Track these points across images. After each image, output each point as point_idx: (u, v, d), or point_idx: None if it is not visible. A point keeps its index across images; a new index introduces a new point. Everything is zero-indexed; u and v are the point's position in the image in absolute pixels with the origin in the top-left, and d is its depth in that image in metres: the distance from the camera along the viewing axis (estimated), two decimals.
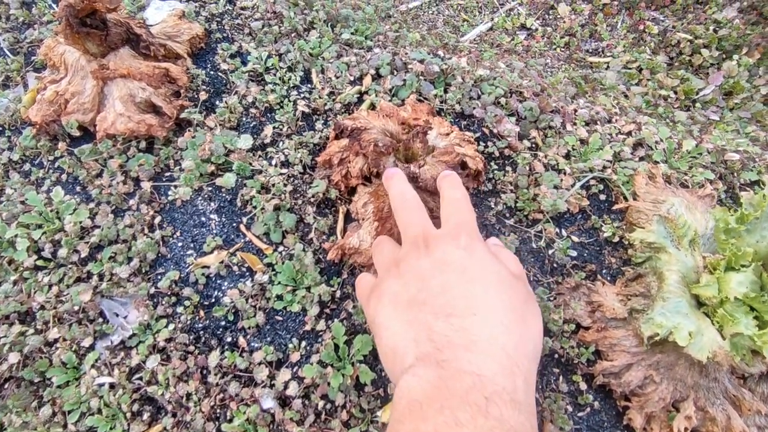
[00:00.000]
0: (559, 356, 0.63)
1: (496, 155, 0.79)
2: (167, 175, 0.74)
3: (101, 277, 0.64)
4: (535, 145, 0.82)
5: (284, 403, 0.58)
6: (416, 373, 0.33)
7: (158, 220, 0.69)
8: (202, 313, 0.63)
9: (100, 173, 0.73)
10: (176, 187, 0.71)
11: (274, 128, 0.77)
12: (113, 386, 0.57)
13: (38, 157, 0.75)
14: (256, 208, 0.69)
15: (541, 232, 0.72)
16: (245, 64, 0.87)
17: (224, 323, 0.63)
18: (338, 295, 0.64)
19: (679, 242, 0.63)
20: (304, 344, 0.61)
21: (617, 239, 0.72)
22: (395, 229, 0.58)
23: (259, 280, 0.64)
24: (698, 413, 0.55)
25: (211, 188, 0.72)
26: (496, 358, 0.33)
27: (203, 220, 0.70)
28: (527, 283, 0.43)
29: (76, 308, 0.61)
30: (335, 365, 0.59)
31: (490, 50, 1.29)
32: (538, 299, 0.64)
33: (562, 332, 0.63)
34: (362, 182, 0.65)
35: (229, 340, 0.61)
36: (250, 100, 0.81)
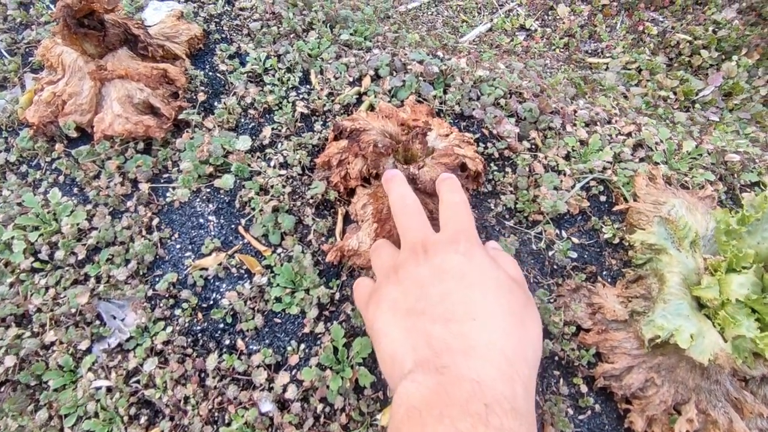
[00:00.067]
0: (559, 358, 0.62)
1: (495, 156, 0.79)
2: (165, 176, 0.73)
3: (98, 279, 0.64)
4: (534, 146, 0.82)
5: (283, 406, 0.58)
6: (415, 379, 0.33)
7: (156, 221, 0.69)
8: (200, 315, 0.63)
9: (97, 175, 0.72)
10: (174, 188, 0.71)
11: (272, 129, 0.77)
12: (110, 389, 0.57)
13: (35, 158, 0.75)
14: (254, 209, 0.68)
15: (541, 233, 0.72)
16: (244, 64, 0.86)
17: (222, 326, 0.62)
18: (337, 297, 0.64)
19: (679, 244, 0.63)
20: (302, 347, 0.61)
21: (617, 241, 0.72)
22: (394, 230, 0.58)
23: (257, 282, 0.64)
24: (700, 416, 0.54)
25: (209, 190, 0.72)
26: (495, 363, 0.32)
27: (201, 221, 0.69)
28: (526, 287, 0.42)
29: (72, 311, 0.61)
30: (334, 368, 0.58)
31: (489, 51, 1.29)
32: (538, 301, 0.64)
33: (562, 334, 0.63)
34: (361, 183, 0.65)
35: (227, 342, 0.61)
36: (248, 101, 0.80)
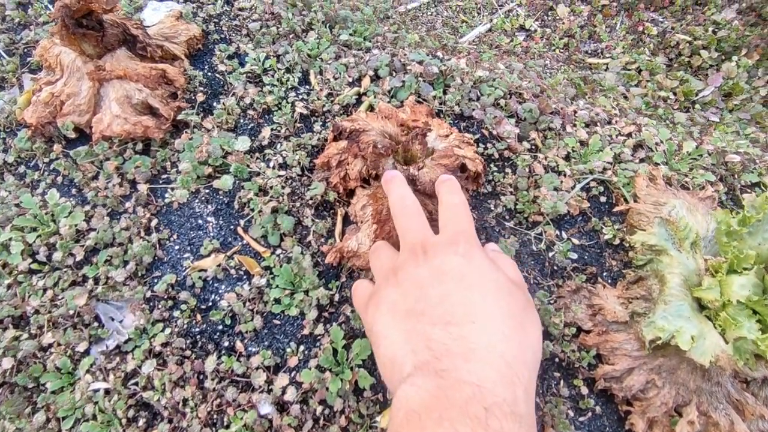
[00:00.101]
0: (559, 360, 0.62)
1: (495, 157, 0.78)
2: (164, 177, 0.73)
3: (97, 280, 0.63)
4: (534, 146, 0.82)
5: (282, 408, 0.57)
6: (414, 382, 0.32)
7: (155, 222, 0.69)
8: (198, 317, 0.62)
9: (96, 175, 0.72)
10: (173, 189, 0.71)
11: (272, 130, 0.77)
12: (108, 392, 0.56)
13: (33, 159, 0.75)
14: (253, 210, 0.68)
15: (541, 234, 0.72)
16: (243, 65, 0.86)
17: (221, 327, 0.62)
18: (337, 298, 0.64)
19: (680, 245, 0.63)
20: (302, 348, 0.60)
21: (618, 241, 0.72)
22: (394, 231, 0.58)
23: (256, 283, 0.64)
24: (701, 418, 0.54)
25: (208, 191, 0.71)
26: (495, 367, 0.32)
27: (200, 222, 0.69)
28: (526, 290, 0.42)
29: (71, 312, 0.61)
30: (334, 370, 0.58)
31: (489, 51, 1.28)
32: (538, 302, 0.64)
33: (562, 336, 0.63)
34: (361, 184, 0.65)
35: (226, 344, 0.61)
36: (247, 101, 0.80)
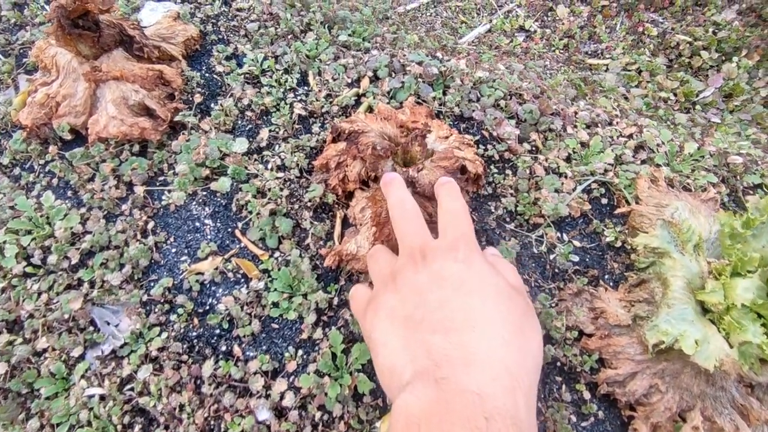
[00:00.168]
0: (561, 364, 0.61)
1: (495, 158, 0.78)
2: (161, 179, 0.72)
3: (92, 284, 0.63)
4: (535, 148, 0.81)
5: (280, 414, 0.56)
6: (414, 390, 0.32)
7: (151, 225, 0.68)
8: (195, 321, 0.62)
9: (91, 177, 0.71)
10: (170, 191, 0.70)
11: (270, 131, 0.76)
12: (103, 398, 0.56)
13: (28, 161, 0.74)
14: (251, 213, 0.67)
15: (542, 236, 0.71)
16: (241, 66, 0.85)
17: (219, 331, 0.61)
18: (336, 302, 0.63)
19: (683, 247, 0.62)
20: (300, 353, 0.60)
21: (619, 244, 0.71)
22: (393, 234, 0.57)
23: (254, 286, 0.63)
24: (705, 423, 0.53)
25: (205, 193, 0.71)
26: (496, 374, 0.31)
27: (197, 225, 0.68)
28: (526, 295, 0.41)
29: (65, 317, 0.60)
30: (333, 375, 0.57)
31: (488, 52, 1.28)
32: (539, 306, 0.63)
33: (564, 339, 0.62)
34: (360, 186, 0.64)
35: (223, 349, 0.60)
36: (245, 102, 0.79)
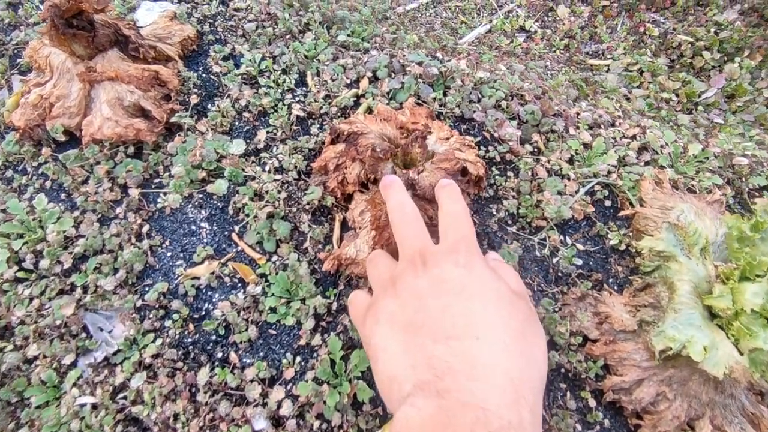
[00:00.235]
0: (566, 371, 0.60)
1: (497, 160, 0.77)
2: (156, 181, 0.71)
3: (85, 289, 0.61)
4: (537, 149, 0.80)
5: (278, 423, 0.55)
6: (415, 403, 0.30)
7: (146, 228, 0.66)
8: (191, 326, 0.60)
9: (85, 180, 0.70)
10: (165, 194, 0.69)
11: (267, 133, 0.75)
12: (96, 406, 0.54)
13: (21, 163, 0.72)
14: (248, 216, 0.66)
15: (544, 239, 0.70)
16: (238, 66, 0.84)
17: (215, 338, 0.60)
18: (334, 307, 0.61)
19: (689, 251, 0.61)
20: (298, 360, 0.58)
21: (624, 247, 0.70)
22: (393, 238, 0.56)
23: (251, 291, 0.62)
24: None
25: (201, 195, 0.69)
26: (499, 386, 0.30)
27: (193, 228, 0.67)
28: (529, 300, 0.40)
29: (57, 323, 0.58)
30: (331, 382, 0.56)
31: (489, 52, 1.27)
32: (543, 311, 0.62)
33: (568, 345, 0.60)
34: (359, 189, 0.63)
35: (219, 355, 0.58)
36: (243, 103, 0.78)
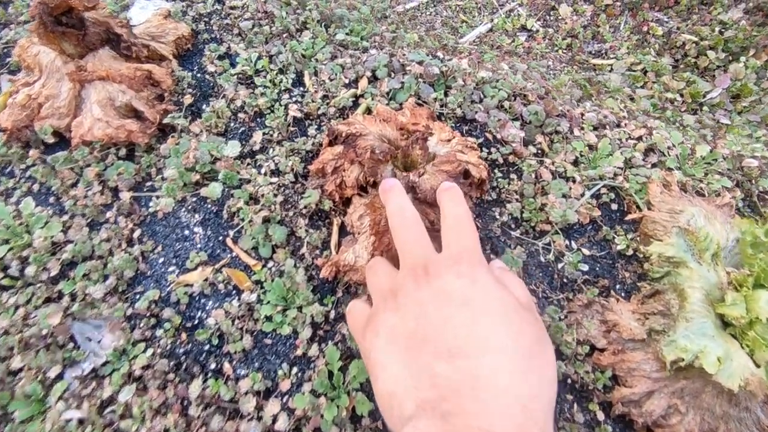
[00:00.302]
0: (572, 381, 0.58)
1: (500, 162, 0.74)
2: (148, 184, 0.69)
3: (73, 297, 0.59)
4: (541, 151, 0.77)
5: None
6: (418, 426, 0.28)
7: (137, 233, 0.64)
8: (183, 336, 0.58)
9: (75, 183, 0.67)
10: (158, 197, 0.66)
11: (263, 134, 0.73)
12: (82, 421, 0.52)
13: (8, 165, 0.70)
14: (243, 220, 0.64)
15: (549, 244, 0.68)
16: (234, 66, 0.82)
17: (208, 347, 0.57)
18: (332, 315, 0.59)
19: (700, 256, 0.59)
20: (295, 371, 0.56)
21: (631, 252, 0.67)
22: (393, 244, 0.54)
23: (246, 299, 0.59)
24: None
25: (195, 199, 0.67)
26: (508, 410, 0.28)
27: (186, 233, 0.65)
28: (536, 312, 0.38)
29: (44, 332, 0.56)
30: (329, 395, 0.53)
31: (490, 52, 1.25)
32: (548, 319, 0.60)
33: (575, 355, 0.58)
34: (358, 192, 0.61)
35: (213, 366, 0.56)
36: (238, 104, 0.76)
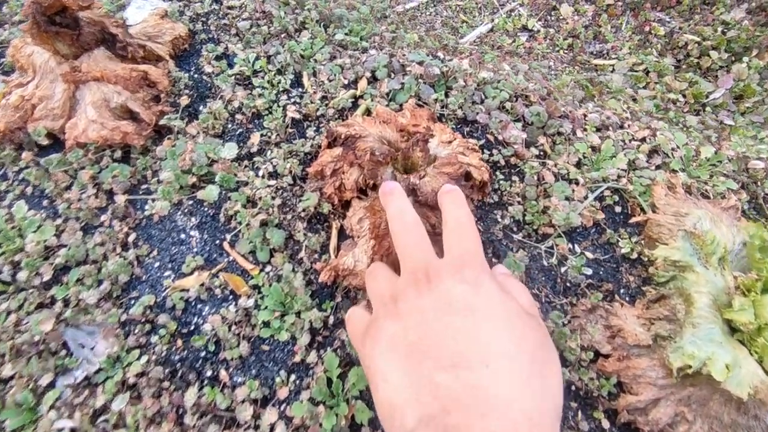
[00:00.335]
0: (577, 388, 0.57)
1: (501, 164, 0.73)
2: (144, 187, 0.67)
3: (66, 302, 0.57)
4: (543, 152, 0.76)
5: None
6: None
7: (132, 237, 0.63)
8: (179, 342, 0.57)
9: (69, 186, 0.66)
10: (153, 200, 0.65)
11: (261, 136, 0.71)
12: (74, 431, 0.50)
13: (1, 168, 0.69)
14: (241, 223, 0.63)
15: (552, 247, 0.66)
16: (231, 66, 0.81)
17: (204, 354, 0.56)
18: (331, 321, 0.58)
19: (707, 260, 0.58)
20: (293, 378, 0.55)
21: (635, 255, 0.66)
22: (394, 248, 0.52)
23: (243, 304, 0.58)
24: None
25: (191, 202, 0.66)
26: (514, 424, 0.27)
27: (183, 237, 0.63)
28: (541, 320, 0.37)
29: (36, 339, 0.55)
30: (328, 403, 0.52)
31: (491, 52, 1.23)
32: (552, 324, 0.58)
33: (579, 361, 0.57)
34: (357, 195, 0.60)
35: (209, 373, 0.55)
36: (236, 105, 0.75)
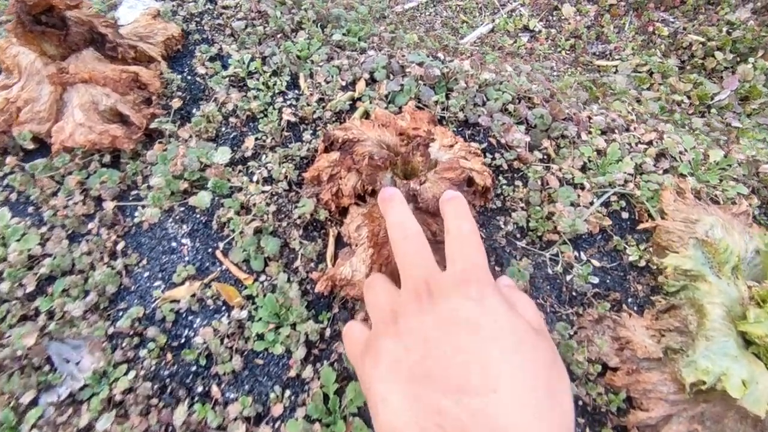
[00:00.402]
0: (584, 404, 0.54)
1: (504, 168, 0.71)
2: (133, 193, 0.65)
3: (51, 315, 0.55)
4: (547, 156, 0.74)
5: None
6: None
7: (121, 246, 0.61)
8: (169, 356, 0.54)
9: (55, 192, 0.64)
10: (143, 207, 0.63)
11: (256, 140, 0.69)
12: None
13: None
14: (234, 231, 0.60)
15: (557, 255, 0.64)
16: (226, 67, 0.79)
17: (195, 369, 0.54)
18: (328, 333, 0.55)
19: (719, 269, 0.55)
20: (287, 394, 0.52)
21: (643, 263, 0.64)
22: (393, 257, 0.50)
23: (236, 316, 0.56)
24: None
25: (183, 209, 0.63)
26: None
27: (173, 245, 0.61)
28: (549, 337, 0.34)
29: (18, 353, 0.52)
30: (324, 420, 0.50)
31: (492, 53, 1.21)
32: (558, 336, 0.56)
33: (586, 375, 0.55)
34: (355, 201, 0.57)
35: (200, 389, 0.52)
36: (230, 107, 0.72)
